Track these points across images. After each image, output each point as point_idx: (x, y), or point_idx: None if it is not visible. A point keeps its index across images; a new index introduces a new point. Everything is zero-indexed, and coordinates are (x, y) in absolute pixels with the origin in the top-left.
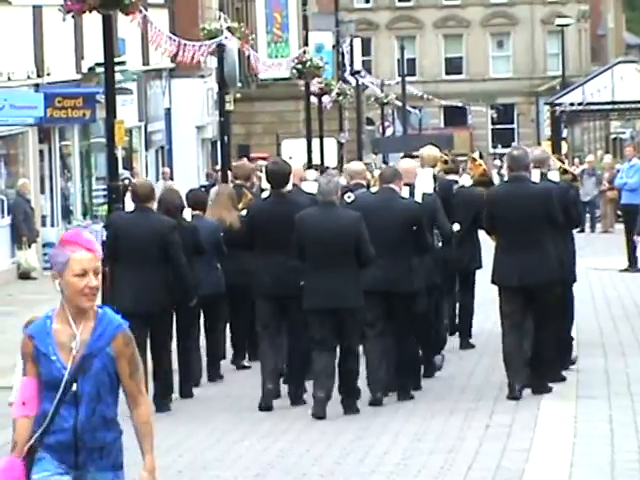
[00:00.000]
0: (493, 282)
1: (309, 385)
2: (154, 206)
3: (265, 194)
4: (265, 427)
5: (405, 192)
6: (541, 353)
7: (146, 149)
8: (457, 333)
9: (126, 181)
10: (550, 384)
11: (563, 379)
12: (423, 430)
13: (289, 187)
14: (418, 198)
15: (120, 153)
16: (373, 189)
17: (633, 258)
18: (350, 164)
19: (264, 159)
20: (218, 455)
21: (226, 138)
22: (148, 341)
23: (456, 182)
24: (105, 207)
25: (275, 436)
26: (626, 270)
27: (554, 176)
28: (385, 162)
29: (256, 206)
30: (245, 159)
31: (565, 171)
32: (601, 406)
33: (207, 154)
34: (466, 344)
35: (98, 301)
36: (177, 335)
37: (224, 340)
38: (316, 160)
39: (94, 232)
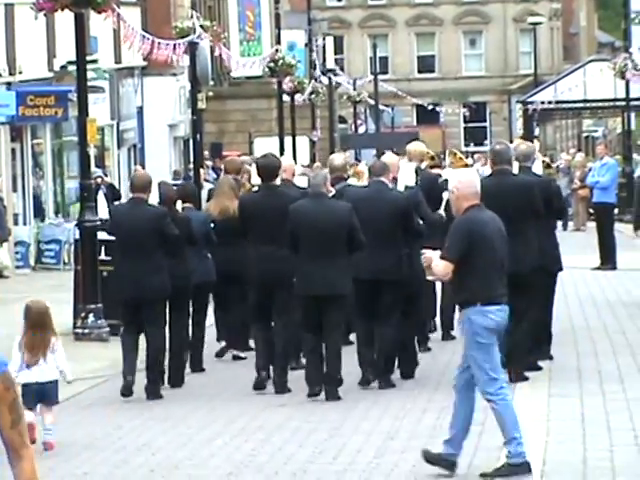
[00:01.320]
0: None
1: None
2: (149, 197)
3: (255, 188)
4: (237, 426)
5: (401, 185)
6: (520, 340)
7: (118, 147)
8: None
9: (98, 179)
10: (526, 373)
11: (539, 368)
12: (395, 429)
13: (278, 181)
14: (400, 190)
15: (92, 151)
16: (352, 181)
17: (608, 256)
18: (332, 158)
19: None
20: (190, 454)
21: (198, 136)
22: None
23: (440, 176)
24: (77, 205)
25: (247, 435)
26: (598, 268)
27: (538, 169)
28: (357, 159)
29: (247, 198)
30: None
31: (548, 165)
32: (573, 405)
33: (179, 152)
34: (448, 336)
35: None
36: (169, 322)
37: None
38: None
39: (66, 230)
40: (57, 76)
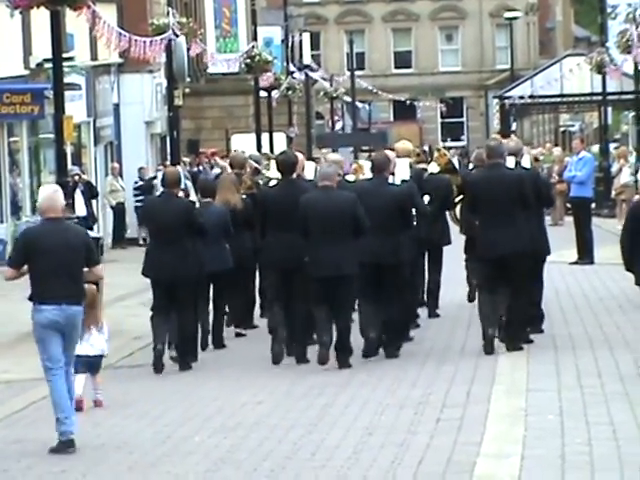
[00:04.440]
0: (476, 254)
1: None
2: (179, 191)
3: (272, 183)
4: (216, 423)
5: (397, 179)
6: (514, 317)
7: (95, 144)
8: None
9: (75, 177)
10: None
11: (531, 341)
12: (374, 424)
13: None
14: (398, 183)
15: (69, 149)
16: (350, 177)
17: (585, 250)
18: (328, 155)
19: (215, 154)
20: (168, 451)
21: (175, 133)
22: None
23: (425, 170)
24: None
25: (225, 432)
26: (576, 263)
27: (526, 162)
28: None
29: (268, 191)
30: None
31: (536, 159)
32: (551, 399)
33: (156, 149)
34: (434, 314)
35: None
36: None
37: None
38: None
39: None
40: (33, 74)
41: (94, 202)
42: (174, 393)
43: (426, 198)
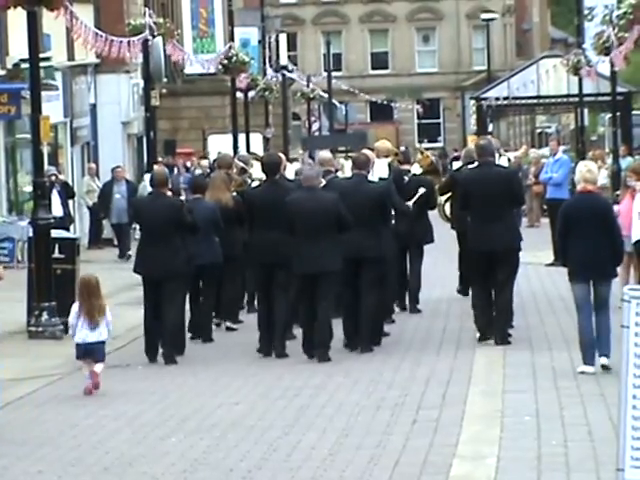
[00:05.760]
0: (468, 248)
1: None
2: (167, 190)
3: (255, 183)
4: (192, 424)
5: (375, 177)
6: (504, 308)
7: (72, 145)
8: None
9: (52, 177)
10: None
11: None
12: (350, 425)
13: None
14: (375, 181)
15: (46, 149)
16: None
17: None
18: (320, 154)
19: (190, 154)
20: (145, 452)
21: (152, 134)
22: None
23: (409, 171)
24: (31, 203)
25: (202, 433)
26: (552, 264)
27: (504, 162)
28: (311, 157)
29: (253, 191)
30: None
31: (509, 160)
32: (527, 400)
33: (133, 150)
34: (414, 309)
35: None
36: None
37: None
38: None
39: (20, 228)
40: (10, 74)
41: (71, 202)
42: (151, 394)
43: (409, 203)
